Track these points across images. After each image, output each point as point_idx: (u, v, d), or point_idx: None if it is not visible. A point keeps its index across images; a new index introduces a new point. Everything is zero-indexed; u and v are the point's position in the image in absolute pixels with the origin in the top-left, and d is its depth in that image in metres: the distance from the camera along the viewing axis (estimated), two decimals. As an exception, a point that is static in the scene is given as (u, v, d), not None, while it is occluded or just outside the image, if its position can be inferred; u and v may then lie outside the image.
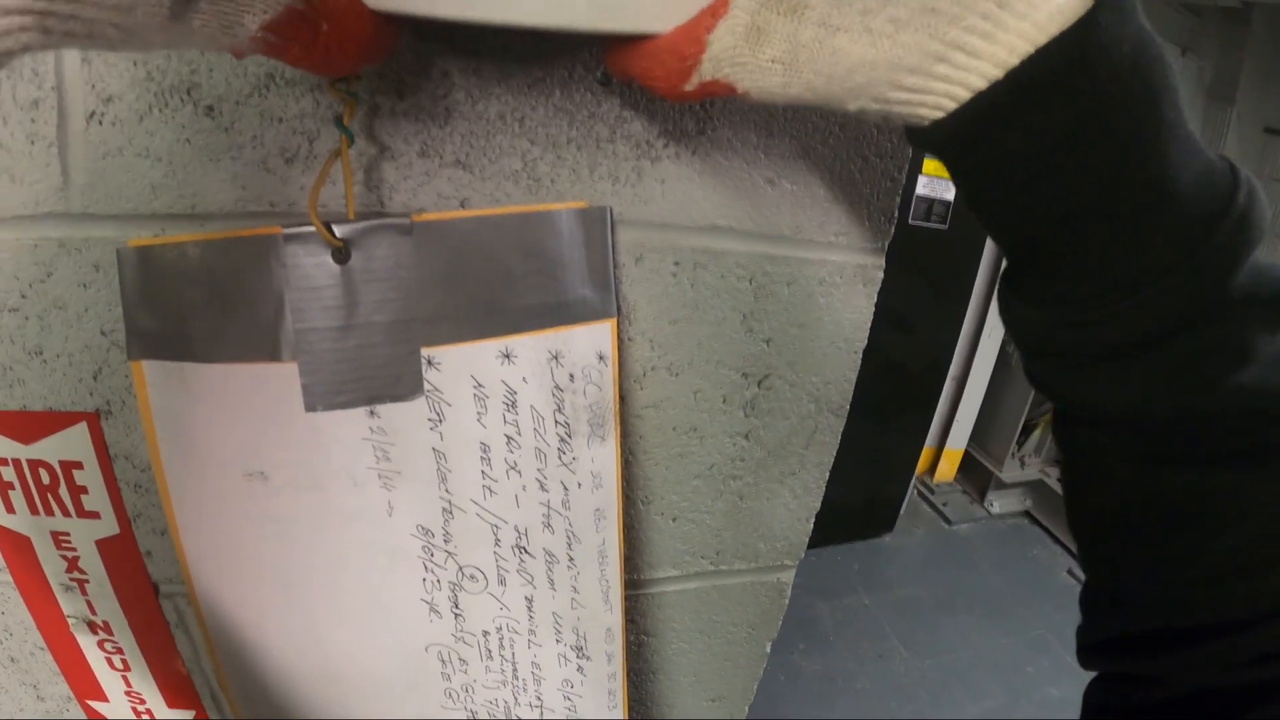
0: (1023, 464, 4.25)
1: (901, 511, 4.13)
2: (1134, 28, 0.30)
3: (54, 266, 0.47)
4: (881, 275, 0.58)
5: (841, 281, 0.57)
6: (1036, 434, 4.01)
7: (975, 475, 4.51)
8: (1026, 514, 4.38)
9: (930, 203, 3.16)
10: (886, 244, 0.57)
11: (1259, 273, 0.33)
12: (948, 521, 4.33)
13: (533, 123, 0.48)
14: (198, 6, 0.27)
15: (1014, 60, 0.30)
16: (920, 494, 4.52)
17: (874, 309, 0.60)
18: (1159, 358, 0.35)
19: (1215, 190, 0.32)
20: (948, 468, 4.55)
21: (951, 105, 0.32)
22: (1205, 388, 0.35)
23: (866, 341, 0.61)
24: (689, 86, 0.38)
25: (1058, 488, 3.95)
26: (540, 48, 0.46)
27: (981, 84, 0.31)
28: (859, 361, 0.62)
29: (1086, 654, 0.46)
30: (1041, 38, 0.30)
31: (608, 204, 0.50)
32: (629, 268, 0.52)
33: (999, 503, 4.38)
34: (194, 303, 0.46)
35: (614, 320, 0.51)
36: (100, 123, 0.44)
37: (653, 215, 0.51)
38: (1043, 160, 0.32)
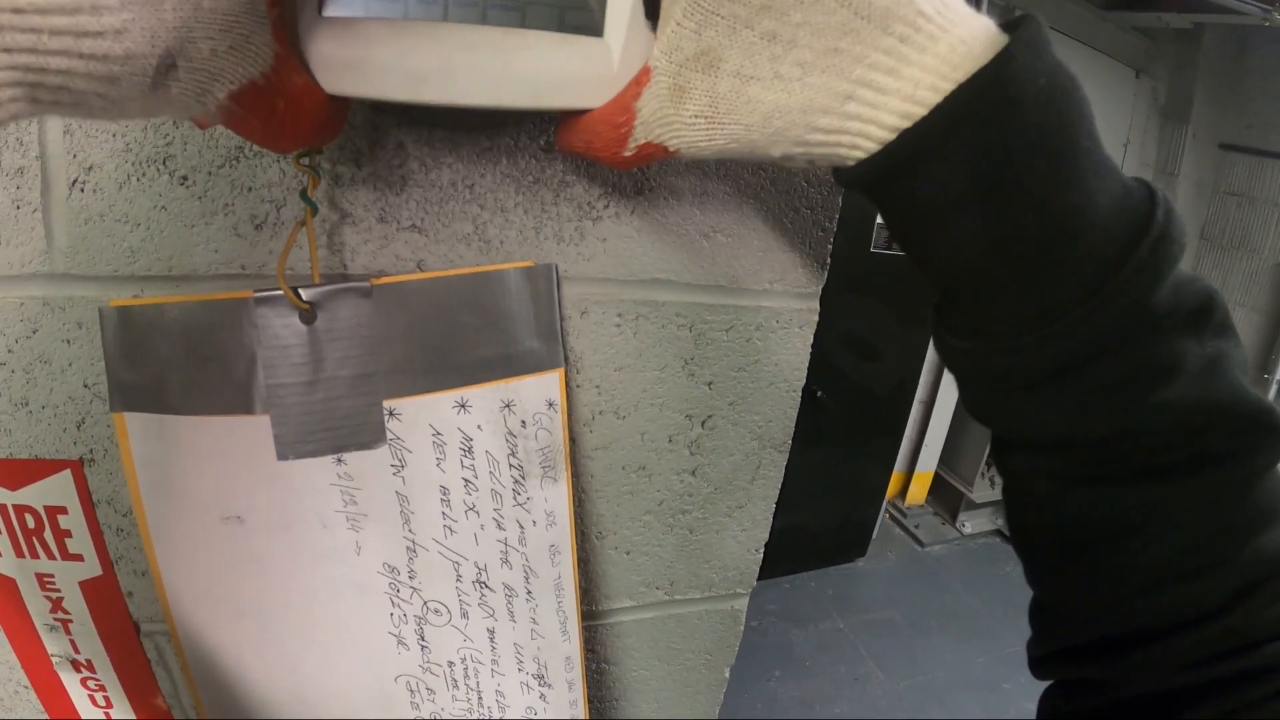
0: (993, 483, 4.31)
1: (874, 535, 4.17)
2: (1048, 61, 0.31)
3: (39, 323, 0.50)
4: (816, 318, 0.63)
5: (778, 325, 0.61)
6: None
7: (946, 496, 4.56)
8: (998, 532, 4.43)
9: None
10: (820, 289, 0.62)
11: (1181, 286, 0.34)
12: (920, 543, 4.38)
13: (482, 189, 0.52)
14: (175, 76, 0.29)
15: (923, 94, 0.32)
16: (892, 517, 4.56)
17: (810, 350, 0.64)
18: (1089, 380, 0.35)
19: (1134, 211, 0.33)
20: (918, 490, 4.60)
21: (869, 145, 0.33)
22: (1135, 406, 0.35)
23: (805, 380, 0.65)
24: (627, 152, 0.40)
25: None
26: (487, 120, 0.50)
27: (895, 121, 0.32)
28: (798, 399, 0.66)
29: (1038, 665, 0.47)
30: (951, 72, 0.31)
31: (553, 262, 0.54)
32: (575, 320, 0.56)
33: (970, 523, 4.43)
34: (172, 359, 0.49)
35: (562, 370, 0.55)
36: (82, 190, 0.48)
37: (596, 271, 0.55)
38: (964, 196, 0.33)
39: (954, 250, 0.35)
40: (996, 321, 0.36)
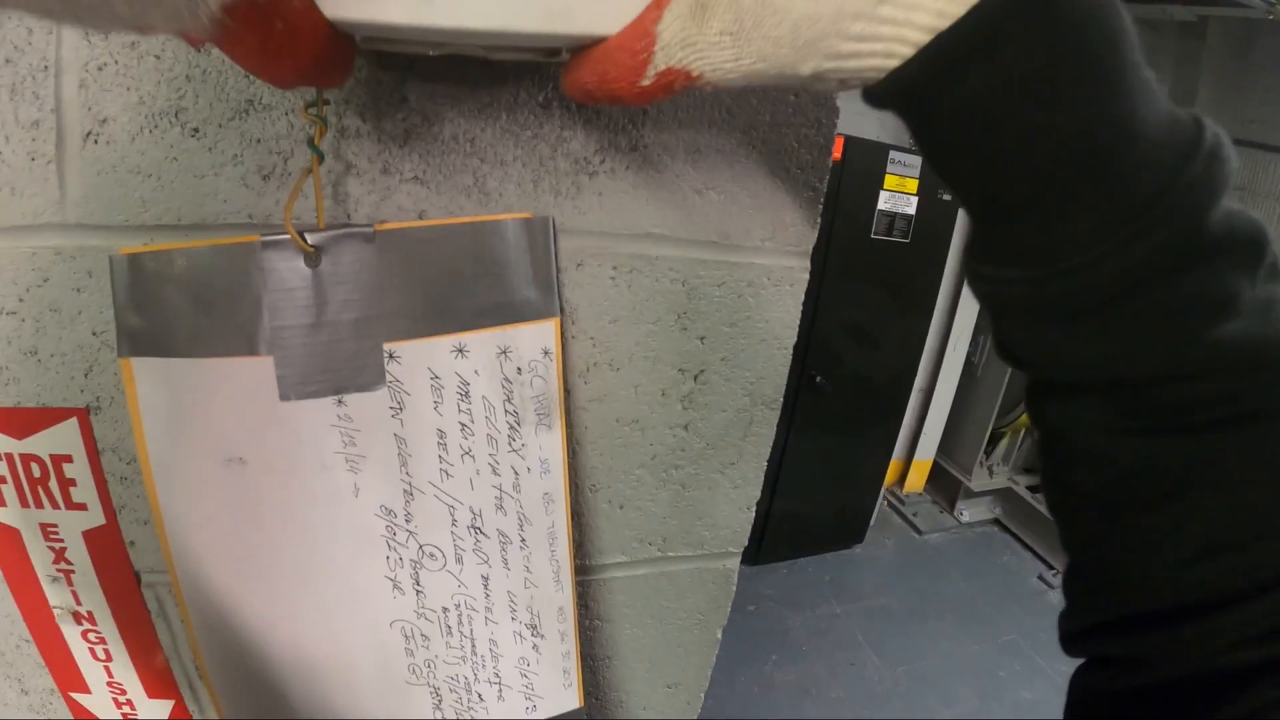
0: (991, 472, 4.33)
1: (872, 522, 4.19)
2: None
3: (50, 273, 0.51)
4: (807, 277, 0.64)
5: (769, 283, 0.63)
6: (1004, 442, 4.08)
7: (944, 485, 4.58)
8: (996, 521, 4.45)
9: (892, 217, 3.24)
10: (810, 248, 0.63)
11: (1232, 215, 0.33)
12: (918, 531, 4.39)
13: (482, 143, 0.53)
14: None
15: None
16: (890, 505, 4.58)
17: (801, 308, 0.65)
18: (1141, 309, 0.33)
19: (1182, 130, 0.32)
20: (917, 478, 4.61)
21: (905, 50, 0.31)
22: (1188, 343, 0.34)
23: (796, 338, 0.66)
24: (646, 81, 0.38)
25: (1026, 495, 4.03)
26: (489, 74, 0.51)
27: (932, 20, 0.30)
28: (789, 358, 0.67)
29: (1071, 640, 0.43)
30: None
31: (550, 215, 0.56)
32: (570, 272, 0.58)
33: (968, 511, 4.45)
34: (179, 304, 0.51)
35: (557, 319, 0.57)
36: (96, 142, 0.49)
37: (591, 224, 0.57)
38: (1005, 103, 0.31)
39: (998, 161, 0.33)
40: (1044, 242, 0.34)
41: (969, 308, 4.12)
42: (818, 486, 3.78)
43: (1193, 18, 3.97)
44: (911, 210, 3.24)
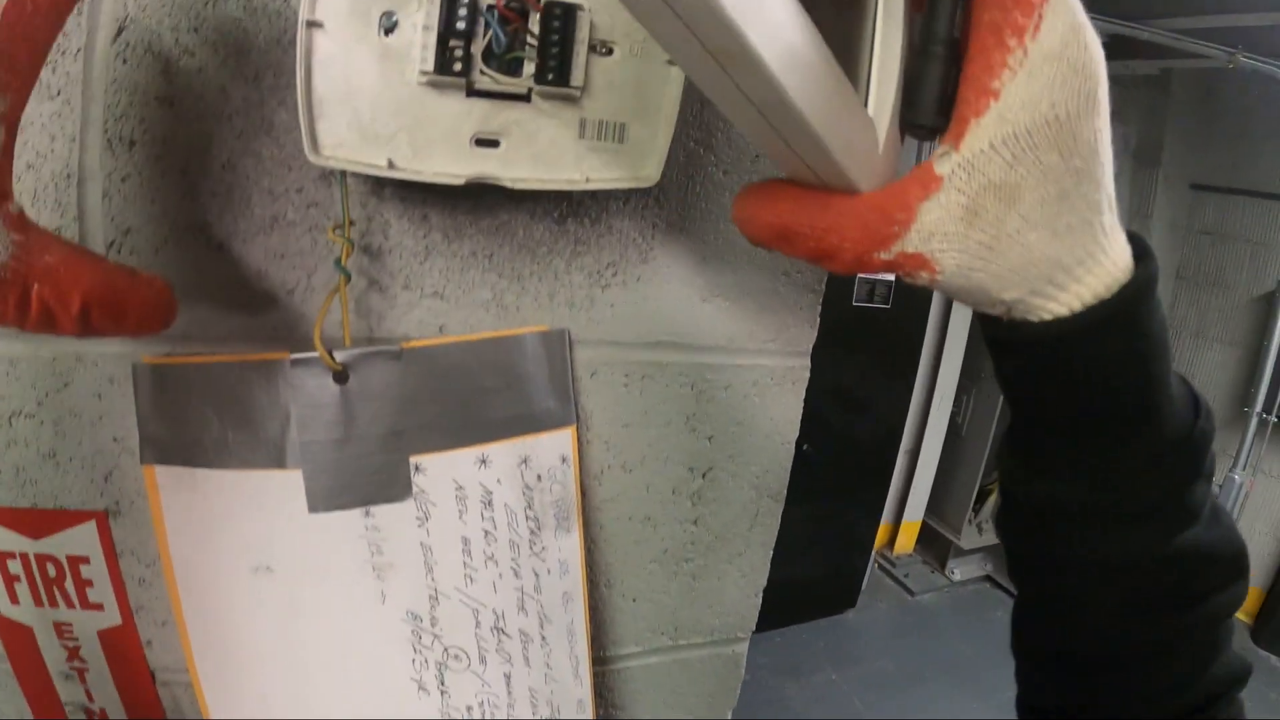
0: (980, 530, 4.33)
1: (864, 586, 4.18)
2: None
3: (70, 378, 0.52)
4: (808, 375, 0.67)
5: (772, 382, 0.66)
6: (992, 499, 4.09)
7: (934, 545, 4.57)
8: (988, 578, 4.45)
9: (873, 284, 3.30)
10: (810, 346, 0.66)
11: (1211, 454, 0.43)
12: (910, 592, 4.38)
13: (500, 259, 0.56)
14: None
15: (1117, 274, 0.37)
16: (881, 567, 4.57)
17: (802, 404, 0.68)
18: (1146, 519, 0.41)
19: (1191, 402, 0.41)
20: (906, 539, 4.61)
21: (1077, 305, 0.37)
22: (1164, 542, 0.41)
23: (799, 432, 0.69)
24: (886, 255, 0.37)
25: (1015, 554, 4.04)
26: (508, 194, 0.54)
27: (1100, 290, 0.37)
28: (793, 451, 0.70)
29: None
30: (1125, 264, 0.38)
31: (566, 326, 0.58)
32: (585, 381, 0.60)
33: (960, 570, 4.45)
34: (205, 416, 0.53)
35: (574, 427, 0.59)
36: (119, 251, 0.51)
37: (604, 334, 0.60)
38: (1118, 362, 0.38)
39: (1091, 397, 0.40)
40: (1099, 463, 0.41)
41: (951, 369, 4.17)
42: (809, 552, 3.78)
43: (1156, 71, 4.11)
44: (890, 276, 3.29)
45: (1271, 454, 4.11)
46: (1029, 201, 0.35)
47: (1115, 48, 3.76)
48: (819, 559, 3.87)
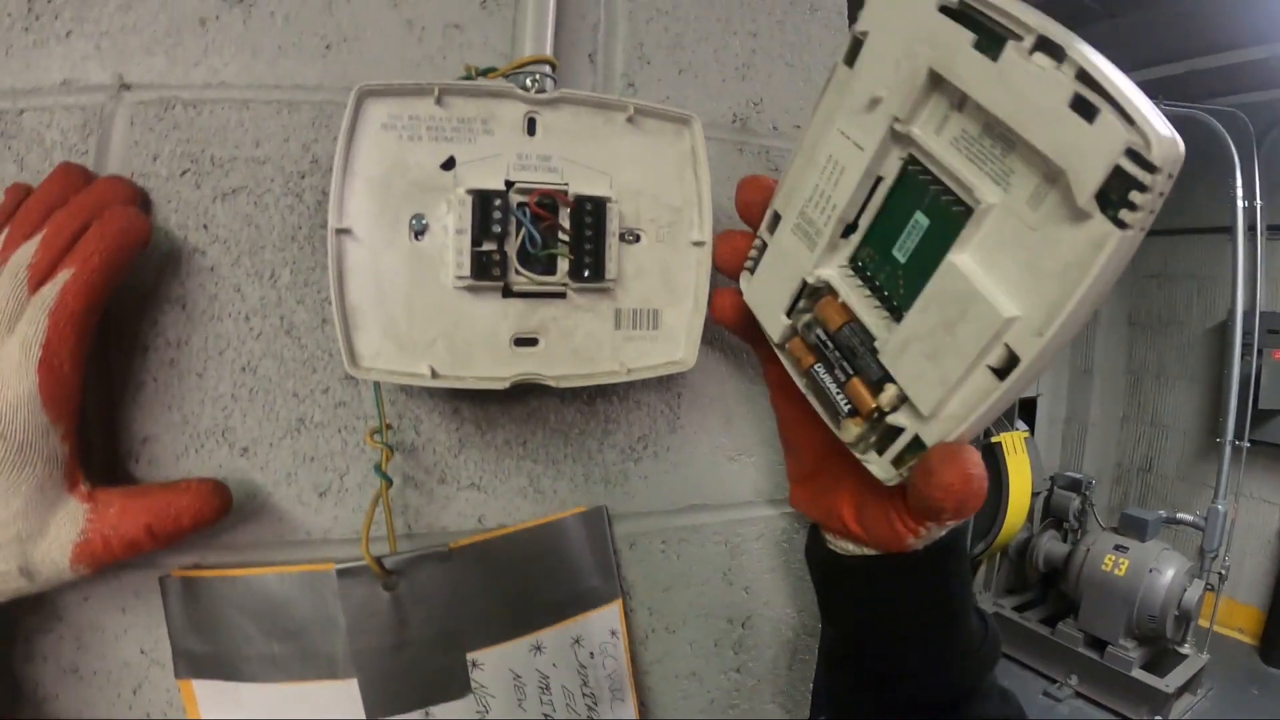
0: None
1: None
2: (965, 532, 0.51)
3: (90, 592, 0.51)
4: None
5: (800, 527, 0.67)
6: (982, 570, 4.09)
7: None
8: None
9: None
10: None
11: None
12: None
13: (534, 445, 0.58)
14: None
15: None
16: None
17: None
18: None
19: (983, 622, 0.53)
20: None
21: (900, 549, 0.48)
22: None
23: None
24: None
25: (1014, 616, 4.01)
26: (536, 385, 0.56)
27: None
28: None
29: None
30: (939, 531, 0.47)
31: (603, 504, 0.60)
32: (625, 553, 0.62)
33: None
34: (246, 629, 0.52)
35: (620, 600, 0.60)
36: (137, 462, 0.51)
37: (640, 506, 0.61)
38: (933, 605, 0.50)
39: (890, 634, 0.52)
40: (915, 685, 0.52)
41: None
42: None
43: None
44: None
45: (1250, 477, 4.15)
46: None
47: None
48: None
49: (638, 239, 0.52)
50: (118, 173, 0.50)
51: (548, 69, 0.52)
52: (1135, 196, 0.30)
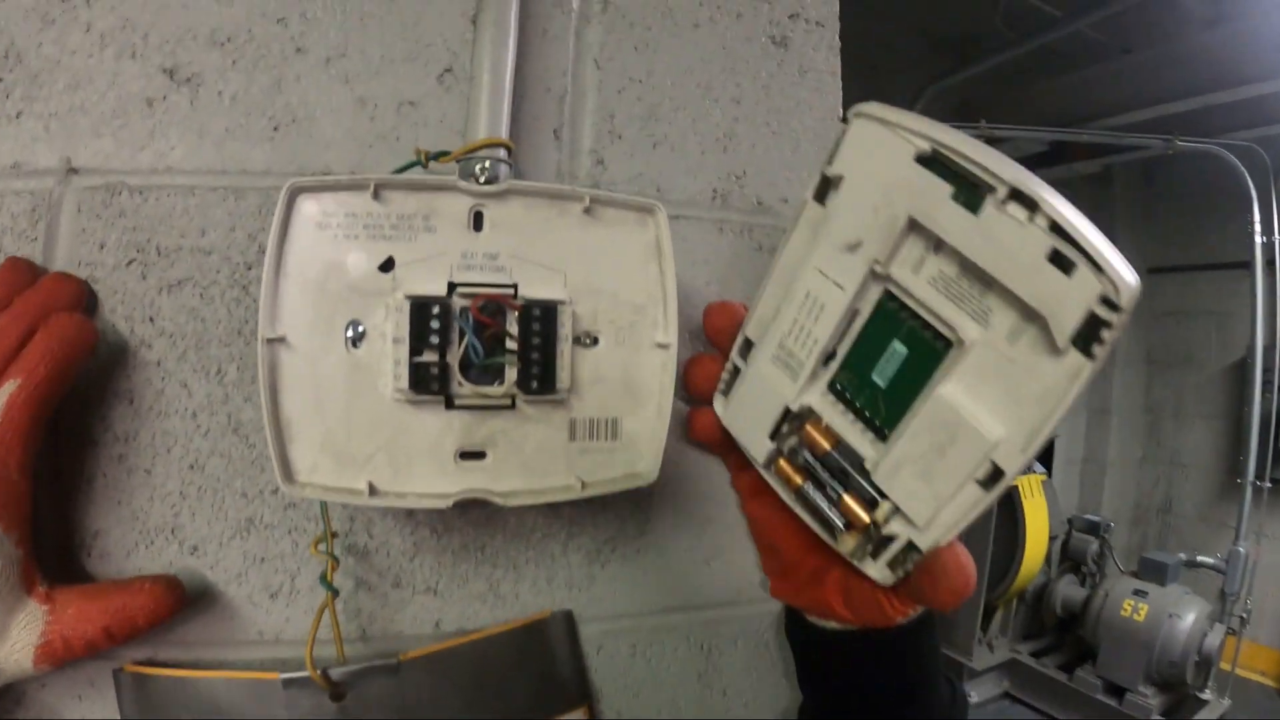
0: (991, 648, 4.23)
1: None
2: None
3: (48, 679, 0.49)
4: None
5: (780, 624, 0.63)
6: (999, 615, 4.02)
7: (947, 669, 4.46)
8: (1006, 695, 4.32)
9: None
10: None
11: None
12: None
13: (493, 549, 0.55)
14: None
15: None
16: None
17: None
18: None
19: (950, 687, 0.54)
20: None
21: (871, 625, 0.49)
22: None
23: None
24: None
25: (1031, 661, 3.95)
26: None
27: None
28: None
29: None
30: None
31: (567, 608, 0.56)
32: (592, 657, 0.58)
33: (976, 690, 4.31)
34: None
35: (586, 705, 0.57)
36: (89, 555, 0.49)
37: (607, 610, 0.58)
38: (896, 671, 0.51)
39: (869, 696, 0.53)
40: None
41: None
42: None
43: (1098, 169, 4.24)
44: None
45: (1271, 517, 4.08)
46: None
47: (1058, 153, 3.90)
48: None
49: (595, 341, 0.49)
50: (65, 262, 0.49)
51: (503, 153, 0.49)
52: (1104, 333, 0.34)
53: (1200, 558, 3.75)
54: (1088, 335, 0.34)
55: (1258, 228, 3.74)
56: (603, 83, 0.58)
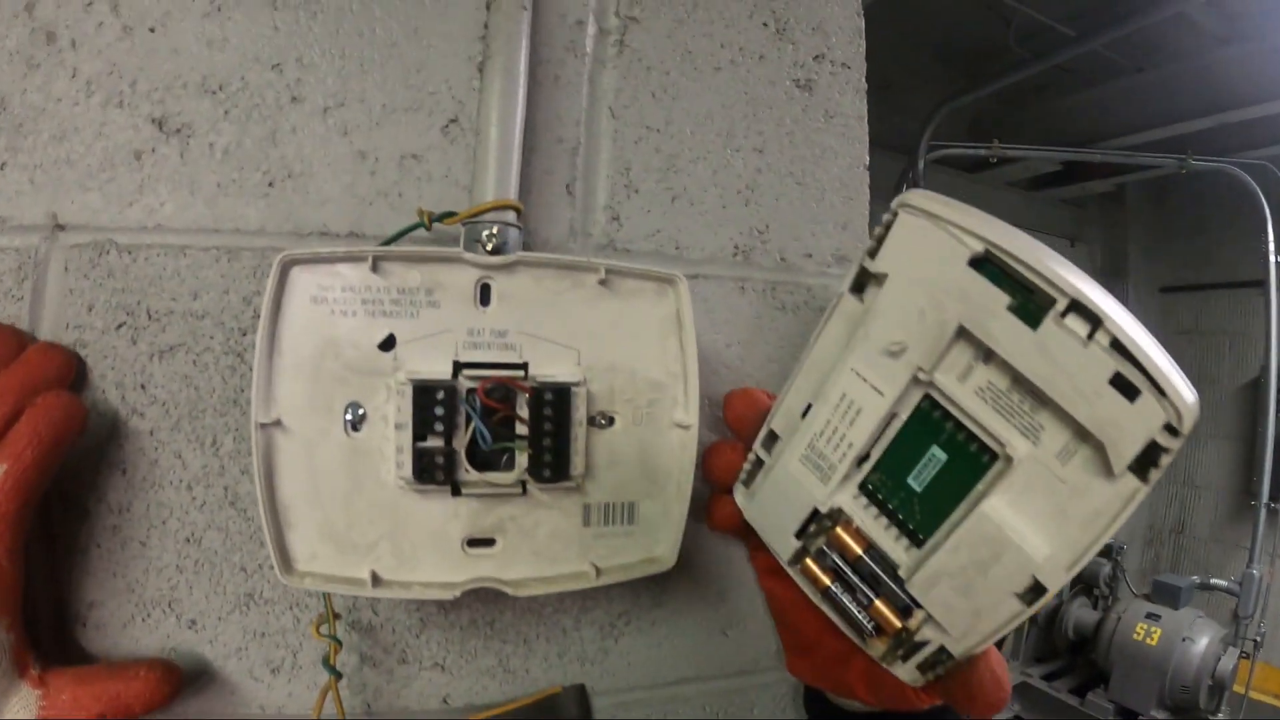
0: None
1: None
2: None
3: None
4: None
5: (799, 689, 0.61)
6: (1010, 638, 3.99)
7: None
8: (1018, 719, 4.29)
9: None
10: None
11: None
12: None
13: (502, 624, 0.53)
14: None
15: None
16: None
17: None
18: None
19: None
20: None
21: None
22: None
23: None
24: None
25: (1043, 685, 3.92)
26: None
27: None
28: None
29: None
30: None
31: (580, 682, 0.54)
32: (603, 729, 0.56)
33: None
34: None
35: (597, 779, 0.54)
36: (84, 626, 0.47)
37: (621, 683, 0.56)
38: None
39: None
40: None
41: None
42: None
43: (1112, 188, 4.21)
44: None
45: (1285, 539, 4.04)
46: None
47: (1071, 172, 3.87)
48: None
49: (611, 422, 0.46)
50: (53, 324, 0.47)
51: (512, 216, 0.47)
52: (1162, 459, 0.33)
53: (1214, 580, 3.72)
54: (1145, 460, 0.33)
55: (1272, 247, 3.70)
56: (618, 132, 0.56)
